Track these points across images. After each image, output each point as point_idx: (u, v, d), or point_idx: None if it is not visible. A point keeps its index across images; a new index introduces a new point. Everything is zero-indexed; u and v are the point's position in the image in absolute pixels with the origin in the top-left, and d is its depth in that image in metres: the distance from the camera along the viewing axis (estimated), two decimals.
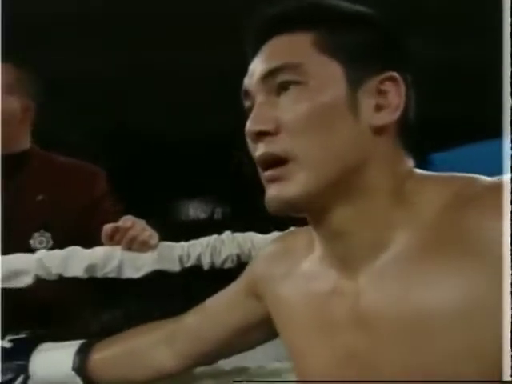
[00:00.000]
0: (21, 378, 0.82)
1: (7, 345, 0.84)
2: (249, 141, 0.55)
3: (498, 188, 0.49)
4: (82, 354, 0.80)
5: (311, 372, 0.58)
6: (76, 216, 1.17)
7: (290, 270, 0.63)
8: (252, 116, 0.54)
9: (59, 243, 1.04)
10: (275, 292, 0.64)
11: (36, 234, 1.13)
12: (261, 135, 0.53)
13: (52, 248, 1.08)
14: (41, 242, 1.13)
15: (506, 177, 0.49)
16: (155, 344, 0.76)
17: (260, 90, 0.55)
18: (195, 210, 5.52)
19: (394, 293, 0.51)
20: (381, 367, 0.51)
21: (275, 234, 0.91)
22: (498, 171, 0.54)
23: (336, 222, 0.54)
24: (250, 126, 0.54)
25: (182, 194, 5.31)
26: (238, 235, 0.91)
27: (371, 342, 0.52)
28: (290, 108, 0.52)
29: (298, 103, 0.52)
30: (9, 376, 0.82)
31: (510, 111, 0.49)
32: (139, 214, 1.00)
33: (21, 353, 0.84)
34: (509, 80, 0.49)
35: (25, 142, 1.24)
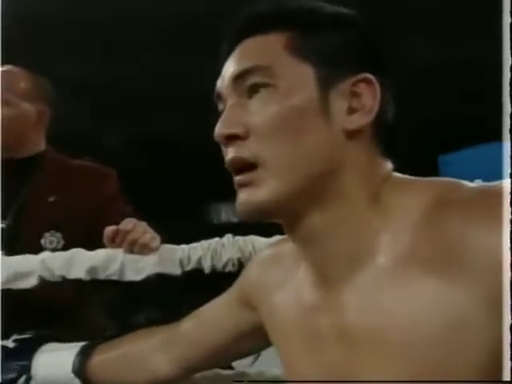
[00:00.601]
0: (23, 378, 0.83)
1: (11, 345, 0.86)
2: (221, 145, 0.54)
3: (481, 194, 0.46)
4: (83, 356, 0.81)
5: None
6: (87, 217, 1.18)
7: (284, 278, 0.61)
8: (221, 119, 0.53)
9: (70, 243, 1.06)
10: (270, 299, 0.63)
11: (47, 234, 1.15)
12: (230, 139, 0.52)
13: (63, 248, 1.10)
14: (51, 242, 1.15)
15: (493, 183, 0.46)
16: (153, 349, 0.76)
17: (231, 92, 0.53)
18: (227, 213, 5.55)
19: (376, 307, 0.49)
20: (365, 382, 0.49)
21: (277, 238, 0.89)
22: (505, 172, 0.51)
23: (309, 229, 0.52)
24: (218, 129, 0.52)
25: (214, 197, 5.35)
26: (239, 238, 0.90)
27: (355, 358, 0.50)
28: (260, 111, 0.51)
29: (267, 106, 0.50)
30: (12, 376, 0.83)
31: (510, 114, 0.46)
32: (171, 217, 1.01)
33: (24, 353, 0.85)
34: (508, 81, 0.46)
35: (39, 146, 1.28)
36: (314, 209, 0.51)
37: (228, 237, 0.91)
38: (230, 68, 0.54)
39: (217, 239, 0.91)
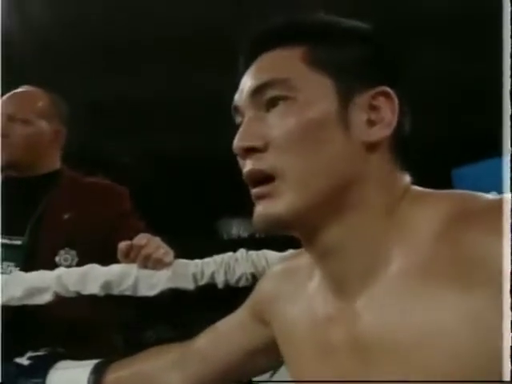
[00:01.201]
0: None
1: (26, 362, 0.86)
2: (238, 157, 0.54)
3: (499, 206, 0.46)
4: (97, 374, 0.80)
5: None
6: (101, 234, 1.19)
7: (295, 291, 0.61)
8: (240, 132, 0.53)
9: (84, 261, 1.06)
10: (281, 313, 0.63)
11: (61, 252, 1.16)
12: (249, 151, 0.52)
13: (77, 265, 1.10)
14: (66, 260, 1.15)
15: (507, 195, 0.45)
16: (166, 367, 0.76)
17: (249, 105, 0.54)
18: (238, 229, 5.56)
19: (392, 317, 0.48)
20: None
21: (292, 252, 0.88)
22: None
23: (327, 242, 0.52)
24: (237, 142, 0.52)
25: (226, 212, 5.37)
26: (253, 253, 0.90)
27: (369, 369, 0.50)
28: (278, 124, 0.51)
29: (286, 119, 0.51)
30: None
31: (510, 127, 0.46)
32: (182, 233, 1.01)
33: (39, 370, 0.85)
34: (509, 93, 0.45)
35: (54, 164, 1.30)
36: (332, 221, 0.51)
37: (241, 251, 0.91)
38: (247, 82, 0.54)
39: (230, 254, 0.91)
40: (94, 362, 0.82)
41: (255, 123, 0.52)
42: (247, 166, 0.52)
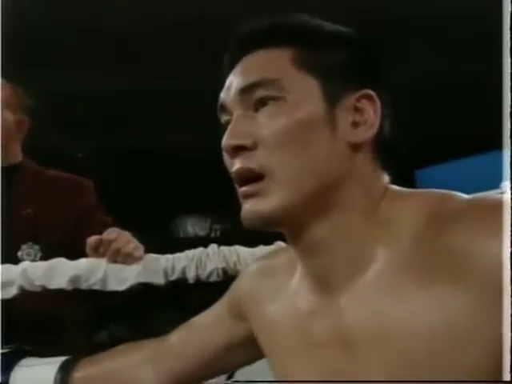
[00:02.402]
0: None
1: None
2: (225, 156, 0.55)
3: (477, 204, 0.49)
4: (64, 371, 0.78)
5: None
6: (65, 228, 1.17)
7: (275, 289, 0.62)
8: (229, 130, 0.54)
9: (48, 255, 1.04)
10: (261, 311, 0.63)
11: (24, 247, 1.13)
12: (238, 150, 0.53)
13: (41, 260, 1.08)
14: (29, 254, 1.12)
15: (485, 194, 0.48)
16: (139, 363, 0.75)
17: (237, 104, 0.54)
18: (193, 227, 5.54)
19: (376, 311, 0.50)
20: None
21: (262, 248, 0.90)
22: (485, 186, 0.54)
23: (313, 238, 0.53)
24: (226, 140, 0.53)
25: (181, 210, 5.33)
26: (224, 248, 0.90)
27: (354, 361, 0.52)
28: (268, 123, 0.52)
29: (276, 119, 0.52)
30: None
31: (510, 122, 0.48)
32: (138, 230, 1.00)
33: (2, 368, 0.82)
34: (509, 90, 0.48)
35: (16, 156, 1.26)
36: (318, 219, 0.52)
37: (213, 247, 0.91)
38: (235, 80, 0.55)
39: (201, 249, 0.91)
40: (61, 359, 0.81)
41: (244, 122, 0.53)
42: (236, 164, 0.53)
